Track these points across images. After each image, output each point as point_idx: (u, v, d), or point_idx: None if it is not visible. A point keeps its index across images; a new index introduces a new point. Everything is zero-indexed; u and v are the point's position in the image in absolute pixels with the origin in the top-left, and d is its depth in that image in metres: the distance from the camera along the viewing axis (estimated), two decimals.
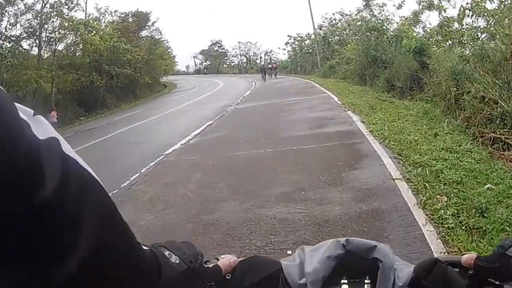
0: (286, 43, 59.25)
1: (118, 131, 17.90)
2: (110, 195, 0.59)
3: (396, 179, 6.44)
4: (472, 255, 1.03)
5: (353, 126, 11.28)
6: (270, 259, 1.13)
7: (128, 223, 0.64)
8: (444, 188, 5.83)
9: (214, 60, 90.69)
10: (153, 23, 48.84)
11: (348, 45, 31.58)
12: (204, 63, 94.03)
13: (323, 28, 46.77)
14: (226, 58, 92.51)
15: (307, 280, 1.03)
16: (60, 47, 30.92)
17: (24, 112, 0.50)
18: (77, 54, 33.40)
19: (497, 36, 11.57)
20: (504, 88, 9.28)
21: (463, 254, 1.06)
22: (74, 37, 31.34)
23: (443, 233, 4.56)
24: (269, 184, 7.01)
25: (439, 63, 13.90)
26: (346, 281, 1.06)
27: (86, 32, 30.72)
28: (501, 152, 7.99)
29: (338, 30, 43.02)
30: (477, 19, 14.13)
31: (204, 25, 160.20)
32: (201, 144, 11.76)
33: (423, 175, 6.42)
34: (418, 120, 11.13)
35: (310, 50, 48.17)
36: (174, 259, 0.83)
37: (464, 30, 16.28)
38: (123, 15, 43.60)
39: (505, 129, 8.60)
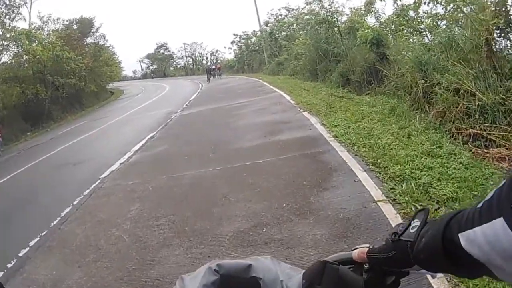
0: (232, 42, 57.71)
1: (59, 148, 16.34)
2: (37, 238, 0.96)
3: (379, 201, 5.14)
4: (363, 248, 0.97)
5: (313, 130, 9.92)
6: None
7: (54, 284, 0.49)
8: (439, 209, 4.68)
9: (161, 63, 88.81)
10: (97, 29, 47.03)
11: (296, 39, 30.61)
12: (151, 67, 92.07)
13: (269, 25, 45.83)
14: (172, 60, 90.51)
15: None
16: (4, 59, 29.22)
17: None
18: (21, 66, 31.26)
19: (462, 22, 10.55)
20: (480, 78, 8.18)
21: (353, 249, 1.01)
22: (16, 48, 29.51)
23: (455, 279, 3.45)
24: (221, 219, 5.58)
25: (399, 53, 12.84)
26: None
27: (28, 42, 28.84)
28: (485, 150, 6.93)
29: (284, 25, 41.92)
30: (435, 6, 13.05)
31: (149, 28, 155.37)
32: (141, 163, 10.27)
33: (409, 193, 5.20)
34: (385, 118, 9.86)
35: (257, 48, 46.84)
36: None
37: (421, 18, 15.24)
38: (67, 23, 42.06)
39: (486, 124, 7.53)
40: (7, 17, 28.48)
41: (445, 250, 0.76)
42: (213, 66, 47.03)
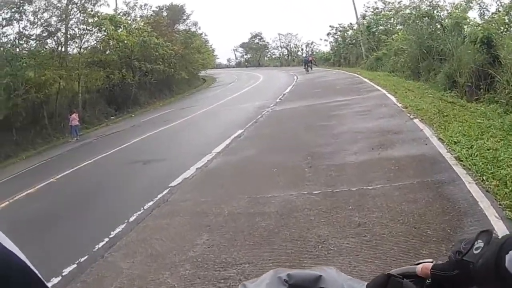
0: (328, 34, 54.64)
1: (136, 140, 15.28)
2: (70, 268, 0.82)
3: None
4: (428, 264, 0.98)
5: (429, 146, 7.77)
6: None
7: None
8: None
9: (255, 53, 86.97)
10: (188, 16, 46.59)
11: (395, 34, 28.24)
12: (245, 56, 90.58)
13: (366, 18, 42.64)
14: (267, 50, 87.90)
15: None
16: (86, 44, 28.41)
17: None
18: (107, 51, 30.90)
19: None
20: None
21: (418, 264, 1.01)
22: (100, 33, 28.72)
23: None
24: None
25: None
26: None
27: (112, 27, 28.28)
28: None
29: (382, 18, 38.85)
30: None
31: (244, 17, 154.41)
32: (221, 171, 8.68)
33: None
34: (508, 136, 7.67)
35: (354, 41, 43.67)
36: None
37: None
38: (156, 9, 41.57)
39: None
40: (90, 2, 27.67)
41: (497, 272, 0.74)
42: (310, 58, 44.62)
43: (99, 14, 28.14)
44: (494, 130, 8.17)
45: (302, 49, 75.49)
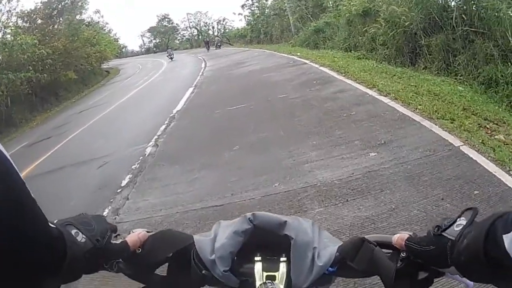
0: (243, 6, 46.38)
1: None
2: None
3: None
4: (404, 235, 0.90)
5: None
6: (183, 233, 1.03)
7: None
8: None
9: (163, 37, 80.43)
10: (72, 2, 36.33)
11: None
12: (154, 41, 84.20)
13: None
14: (177, 32, 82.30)
15: (215, 255, 0.95)
16: None
17: None
18: None
19: None
20: None
21: (396, 234, 0.93)
22: None
23: None
24: None
25: None
26: (259, 259, 0.98)
27: None
28: None
29: None
30: None
31: (152, 1, 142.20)
32: None
33: None
34: None
35: (277, 11, 33.99)
36: (81, 237, 0.81)
37: None
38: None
39: None
40: None
41: (486, 254, 0.68)
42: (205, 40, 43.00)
43: None
44: None
45: (213, 27, 69.29)
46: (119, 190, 6.69)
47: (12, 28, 26.04)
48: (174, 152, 8.03)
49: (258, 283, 0.94)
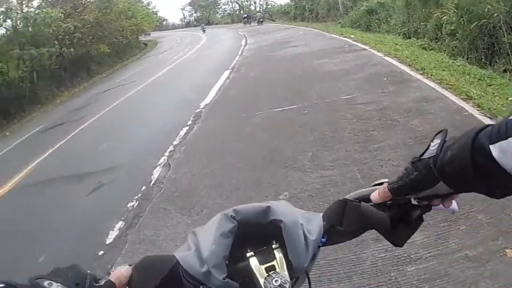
0: None
1: None
2: None
3: None
4: (383, 188, 0.84)
5: None
6: (162, 256, 0.90)
7: None
8: None
9: (204, 10, 77.89)
10: None
11: None
12: (194, 15, 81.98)
13: None
14: (218, 6, 78.89)
15: (207, 266, 0.83)
16: None
17: None
18: None
19: None
20: None
21: (373, 185, 0.90)
22: None
23: None
24: None
25: None
26: (252, 253, 0.87)
27: None
28: None
29: None
30: None
31: None
32: None
33: None
34: None
35: None
36: (56, 286, 0.71)
37: None
38: None
39: None
40: None
41: (474, 164, 0.67)
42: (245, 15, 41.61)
43: None
44: None
45: (255, 2, 66.11)
46: (101, 253, 4.26)
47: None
48: (188, 184, 5.50)
49: (261, 279, 0.82)
